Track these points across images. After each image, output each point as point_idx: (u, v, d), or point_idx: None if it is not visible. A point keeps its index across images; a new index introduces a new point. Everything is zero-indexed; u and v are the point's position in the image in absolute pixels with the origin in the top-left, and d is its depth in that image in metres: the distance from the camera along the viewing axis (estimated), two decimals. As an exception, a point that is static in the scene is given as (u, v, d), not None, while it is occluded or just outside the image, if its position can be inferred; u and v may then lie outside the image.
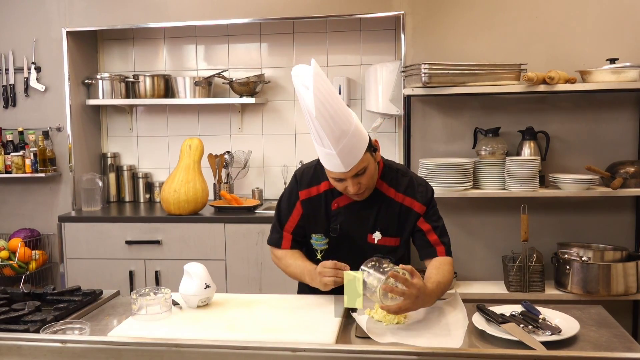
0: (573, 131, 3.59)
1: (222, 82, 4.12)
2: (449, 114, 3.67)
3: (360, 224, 2.16)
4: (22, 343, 1.53)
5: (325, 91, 1.92)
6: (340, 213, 2.17)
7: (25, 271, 3.86)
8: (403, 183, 2.17)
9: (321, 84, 1.91)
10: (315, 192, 2.20)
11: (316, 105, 1.89)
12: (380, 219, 2.15)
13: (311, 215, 2.20)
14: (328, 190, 2.18)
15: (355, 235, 2.16)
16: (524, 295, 3.34)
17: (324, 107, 1.90)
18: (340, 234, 2.16)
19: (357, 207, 2.15)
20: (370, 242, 2.15)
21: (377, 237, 2.15)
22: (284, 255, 2.24)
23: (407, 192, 2.16)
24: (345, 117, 1.97)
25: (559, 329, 1.77)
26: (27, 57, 4.04)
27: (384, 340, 1.70)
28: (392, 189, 2.16)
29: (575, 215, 3.62)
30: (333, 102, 1.93)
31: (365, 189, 2.08)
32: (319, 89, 1.89)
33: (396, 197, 2.15)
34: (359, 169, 2.00)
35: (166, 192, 3.69)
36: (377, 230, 2.15)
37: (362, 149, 2.00)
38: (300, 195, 2.21)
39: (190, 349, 1.47)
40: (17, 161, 3.95)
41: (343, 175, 2.02)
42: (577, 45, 3.53)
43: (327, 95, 1.92)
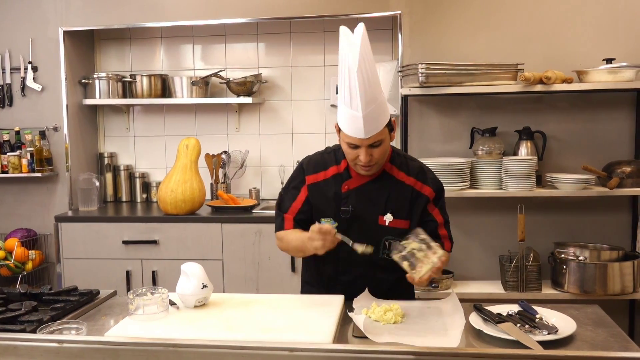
0: (570, 131, 3.60)
1: (219, 81, 4.11)
2: (446, 114, 3.68)
3: (371, 206, 2.16)
4: (18, 343, 1.53)
5: (368, 54, 1.97)
6: (350, 195, 2.16)
7: (22, 271, 3.85)
8: (413, 167, 2.20)
9: (367, 46, 1.97)
10: (323, 177, 2.21)
11: (359, 62, 1.93)
12: (392, 201, 2.15)
13: (319, 200, 2.20)
14: (337, 174, 2.20)
15: (366, 217, 2.15)
16: (521, 295, 3.34)
17: (365, 67, 1.94)
18: (351, 216, 2.15)
19: (368, 189, 2.16)
20: (381, 224, 2.15)
21: (388, 219, 2.15)
22: (286, 233, 2.23)
23: (419, 177, 2.18)
24: (378, 86, 2.02)
25: (556, 329, 1.78)
26: (24, 57, 4.03)
27: (381, 340, 1.70)
28: (402, 173, 2.18)
29: (571, 215, 3.63)
30: (372, 68, 1.98)
31: (374, 164, 2.09)
32: (364, 48, 1.95)
33: (407, 181, 2.17)
34: (376, 139, 2.03)
35: (163, 191, 3.69)
36: (388, 212, 2.15)
37: (383, 122, 2.04)
38: (307, 180, 2.22)
39: (187, 349, 1.47)
40: (13, 161, 3.94)
41: (359, 142, 2.03)
42: (573, 45, 3.53)
43: (369, 59, 1.97)
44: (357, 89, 1.95)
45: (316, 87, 4.12)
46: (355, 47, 1.95)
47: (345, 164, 2.19)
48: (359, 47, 1.94)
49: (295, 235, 2.19)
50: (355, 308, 1.98)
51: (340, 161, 2.20)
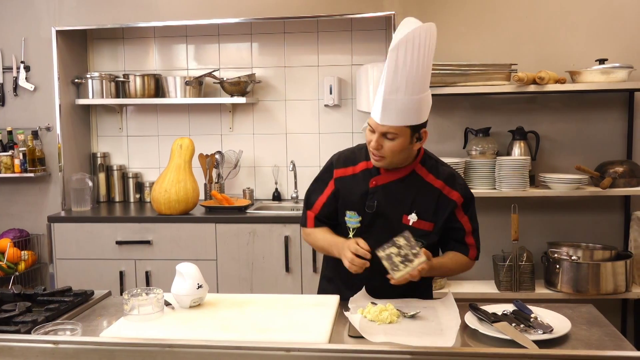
0: (563, 131, 3.61)
1: (212, 81, 4.11)
2: (440, 114, 3.68)
3: (397, 204, 2.15)
4: (13, 344, 1.52)
5: (420, 50, 1.95)
6: (377, 191, 2.16)
7: (14, 272, 3.83)
8: (443, 172, 2.19)
9: (424, 43, 1.95)
10: (351, 171, 2.22)
11: (399, 45, 1.93)
12: (418, 201, 2.14)
13: (346, 193, 2.21)
14: (365, 170, 2.20)
15: (390, 214, 2.15)
16: (514, 294, 3.36)
17: (406, 56, 1.94)
18: (375, 212, 2.15)
19: (395, 187, 2.16)
20: (405, 223, 2.14)
21: (412, 219, 2.14)
22: (312, 231, 2.27)
23: (448, 181, 2.16)
24: (418, 85, 1.99)
25: (551, 328, 1.78)
26: (16, 56, 4.01)
27: (377, 339, 1.70)
28: (432, 175, 2.17)
29: (565, 215, 3.65)
30: (418, 64, 1.96)
31: (384, 157, 2.08)
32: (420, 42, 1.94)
33: (435, 183, 2.16)
34: (390, 131, 2.03)
35: (157, 192, 3.68)
36: (413, 212, 2.14)
37: (406, 121, 2.02)
38: (335, 174, 2.23)
39: (183, 349, 1.47)
40: (6, 161, 3.92)
41: (374, 126, 2.05)
42: (566, 45, 3.55)
43: (419, 54, 1.95)
44: (387, 68, 1.97)
45: (310, 87, 4.12)
46: (407, 34, 1.94)
47: None
48: (410, 35, 1.93)
49: (322, 235, 2.23)
50: (350, 308, 1.98)
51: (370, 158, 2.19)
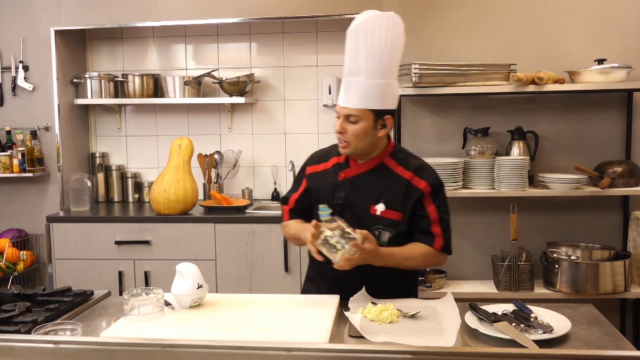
0: (562, 131, 3.62)
1: (211, 81, 4.10)
2: (439, 114, 3.69)
3: (365, 195, 2.18)
4: (14, 344, 1.51)
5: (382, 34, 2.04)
6: (346, 183, 2.21)
7: (13, 272, 3.82)
8: (413, 164, 2.21)
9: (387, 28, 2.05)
10: (323, 167, 2.29)
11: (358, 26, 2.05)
12: (386, 192, 2.17)
13: (318, 187, 2.27)
14: (336, 164, 2.25)
15: (358, 205, 2.18)
16: (513, 294, 3.36)
17: (366, 38, 2.04)
18: (344, 203, 2.19)
19: (363, 179, 2.20)
20: (372, 213, 2.16)
21: (380, 209, 2.16)
22: (288, 223, 2.35)
23: (417, 172, 2.18)
24: (380, 68, 2.06)
25: (551, 328, 1.79)
26: (15, 56, 4.01)
27: (377, 339, 1.70)
28: (401, 167, 2.19)
29: (563, 215, 3.65)
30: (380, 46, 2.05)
31: (348, 141, 2.12)
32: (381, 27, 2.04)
33: (404, 174, 2.18)
34: (353, 114, 2.08)
35: (156, 191, 3.68)
36: (381, 202, 2.16)
37: (368, 104, 2.07)
38: (307, 170, 2.32)
39: (184, 349, 1.47)
40: (4, 161, 3.92)
41: (339, 109, 2.13)
42: (565, 45, 3.55)
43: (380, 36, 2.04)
44: (346, 51, 2.09)
45: (309, 87, 4.12)
46: (366, 18, 2.05)
47: (345, 156, 2.23)
48: (370, 20, 2.04)
49: (294, 224, 2.30)
50: (351, 308, 1.98)
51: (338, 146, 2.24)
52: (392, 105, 2.14)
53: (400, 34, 2.12)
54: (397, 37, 2.10)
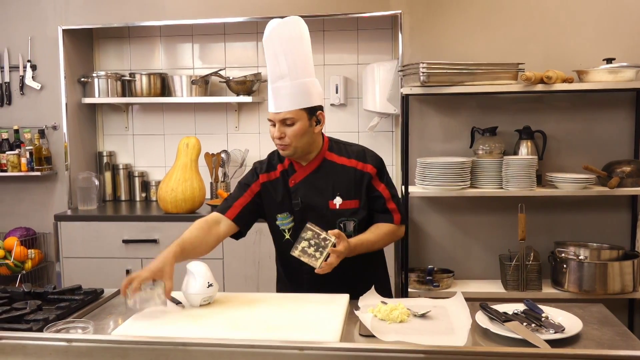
0: (570, 131, 3.61)
1: (218, 80, 4.11)
2: (446, 113, 3.68)
3: (319, 194, 2.27)
4: (27, 342, 1.52)
5: (293, 36, 2.16)
6: (299, 188, 2.28)
7: (21, 270, 3.83)
8: (352, 151, 2.32)
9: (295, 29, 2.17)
10: (274, 176, 2.33)
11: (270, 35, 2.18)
12: (338, 185, 2.27)
13: (272, 198, 2.31)
14: (283, 170, 2.31)
15: (316, 205, 2.26)
16: (521, 294, 3.35)
17: (279, 43, 2.15)
18: (302, 207, 2.26)
19: (313, 179, 2.28)
20: (332, 208, 2.26)
21: (338, 202, 2.26)
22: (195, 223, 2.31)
23: (359, 158, 2.29)
24: (301, 69, 2.17)
25: (562, 327, 1.78)
26: (23, 55, 4.02)
27: (388, 338, 1.70)
28: (343, 157, 2.29)
29: (572, 214, 3.64)
30: (297, 50, 2.16)
31: (289, 144, 2.19)
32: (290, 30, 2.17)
33: (348, 163, 2.28)
34: (288, 117, 2.16)
35: (163, 190, 3.68)
36: (337, 196, 2.26)
37: (297, 104, 2.17)
38: (261, 178, 2.33)
39: (196, 348, 1.47)
40: (12, 160, 3.93)
41: (273, 117, 2.20)
42: (574, 44, 3.54)
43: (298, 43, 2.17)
44: (267, 60, 2.20)
45: (316, 86, 4.11)
46: (275, 25, 2.19)
47: (288, 161, 2.30)
48: (280, 26, 2.17)
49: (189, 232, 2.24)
50: (360, 307, 1.99)
51: (284, 159, 2.32)
52: (319, 102, 2.24)
53: (306, 35, 2.22)
54: (306, 39, 2.21)
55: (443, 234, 3.73)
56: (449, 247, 3.73)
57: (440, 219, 3.73)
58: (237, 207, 2.33)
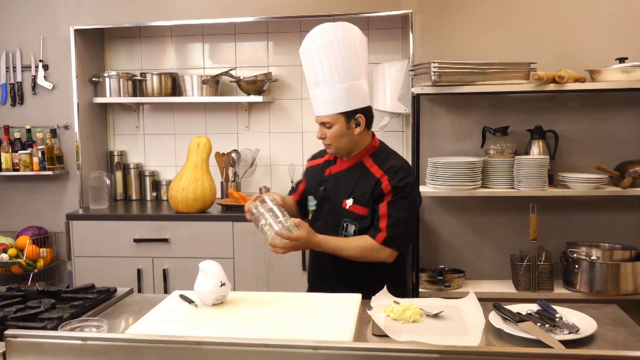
0: (582, 130, 3.59)
1: (229, 80, 4.11)
2: (457, 113, 3.67)
3: (340, 190, 2.39)
4: (42, 340, 1.53)
5: (332, 43, 2.24)
6: (329, 179, 2.44)
7: (33, 269, 3.86)
8: (388, 165, 2.35)
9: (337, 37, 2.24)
10: (317, 162, 2.55)
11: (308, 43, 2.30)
12: (357, 188, 2.35)
13: (309, 182, 2.54)
14: (327, 160, 2.50)
15: (334, 199, 2.40)
16: (533, 294, 3.34)
17: (317, 51, 2.25)
18: (322, 197, 2.42)
19: (342, 175, 2.41)
20: (343, 207, 2.37)
21: (349, 203, 2.36)
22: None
23: (387, 172, 2.33)
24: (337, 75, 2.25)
25: (577, 328, 1.77)
26: (35, 55, 4.04)
27: (401, 338, 1.70)
28: (376, 166, 2.36)
29: (584, 215, 3.63)
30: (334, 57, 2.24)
31: (330, 144, 2.35)
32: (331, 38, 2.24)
33: (376, 173, 2.35)
34: (326, 121, 2.31)
35: (174, 190, 3.69)
36: (350, 197, 2.36)
37: (333, 109, 2.29)
38: (308, 164, 2.60)
39: (211, 347, 1.47)
40: (25, 159, 3.95)
41: (316, 118, 2.36)
42: (586, 44, 3.53)
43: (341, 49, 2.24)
44: (304, 70, 2.35)
45: (326, 86, 4.11)
46: (313, 35, 2.29)
47: None
48: (317, 35, 2.27)
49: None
50: (373, 307, 1.98)
51: None
52: (361, 104, 2.32)
53: (352, 36, 2.31)
54: (351, 43, 2.29)
55: (454, 233, 3.73)
56: (460, 247, 3.72)
57: (451, 219, 3.72)
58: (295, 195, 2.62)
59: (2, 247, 3.84)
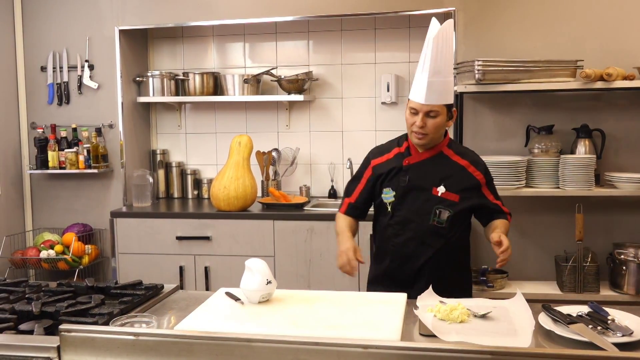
0: (630, 129, 3.51)
1: (270, 79, 4.13)
2: (501, 111, 3.62)
3: (427, 178, 2.44)
4: (95, 335, 1.55)
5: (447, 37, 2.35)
6: (410, 168, 2.46)
7: (79, 265, 3.93)
8: (468, 154, 2.52)
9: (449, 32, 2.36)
10: (386, 157, 2.53)
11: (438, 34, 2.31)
12: (446, 176, 2.43)
13: (383, 174, 2.50)
14: (398, 153, 2.51)
15: (421, 187, 2.43)
16: (578, 295, 3.28)
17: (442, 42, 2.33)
18: (408, 185, 2.44)
19: (425, 165, 2.46)
20: (434, 194, 2.42)
21: (441, 190, 2.42)
22: (340, 216, 2.62)
23: (472, 162, 2.48)
24: (449, 66, 2.39)
25: (631, 331, 1.73)
26: (81, 55, 4.13)
27: (449, 338, 1.68)
28: (458, 156, 2.48)
29: (631, 215, 3.54)
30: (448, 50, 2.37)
31: (427, 134, 2.38)
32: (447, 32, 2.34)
33: (461, 162, 2.47)
34: (433, 110, 2.35)
35: (216, 188, 3.73)
36: (441, 185, 2.42)
37: (444, 100, 2.38)
38: (372, 163, 2.55)
39: (261, 344, 1.48)
40: (71, 157, 4.03)
41: (419, 107, 2.36)
42: (634, 40, 3.44)
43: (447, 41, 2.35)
44: (429, 55, 2.32)
45: (367, 85, 4.11)
46: (439, 26, 2.35)
47: (406, 145, 2.50)
48: (443, 27, 2.33)
49: (341, 222, 2.58)
50: (419, 306, 1.97)
51: (402, 143, 2.51)
52: (452, 99, 2.47)
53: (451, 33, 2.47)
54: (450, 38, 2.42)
55: (496, 234, 3.67)
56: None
57: (494, 219, 3.67)
58: (347, 204, 2.61)
59: (49, 244, 3.93)
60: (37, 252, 3.90)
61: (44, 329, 1.77)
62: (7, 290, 2.16)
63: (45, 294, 2.12)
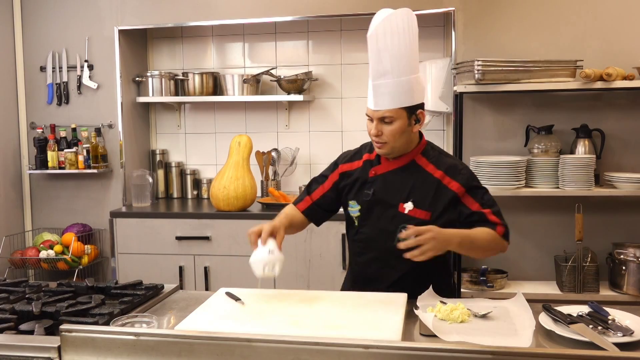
0: (629, 129, 3.52)
1: (269, 79, 4.13)
2: (500, 111, 3.63)
3: (394, 192, 2.19)
4: (96, 335, 1.55)
5: (399, 31, 2.04)
6: (376, 180, 2.22)
7: (78, 265, 3.93)
8: (445, 163, 2.20)
9: (400, 25, 2.04)
10: (356, 165, 2.29)
11: (376, 30, 2.05)
12: (415, 190, 2.17)
13: (349, 184, 2.28)
14: (367, 160, 2.26)
15: (386, 202, 2.19)
16: (578, 295, 3.28)
17: (384, 39, 2.04)
18: (372, 200, 2.21)
19: (393, 176, 2.21)
20: (400, 211, 2.17)
21: (408, 207, 2.16)
22: (286, 208, 2.40)
23: (448, 172, 2.17)
24: (405, 67, 2.07)
25: (631, 331, 1.73)
26: (80, 55, 4.12)
27: (450, 338, 1.68)
28: (432, 165, 2.19)
29: (631, 215, 3.55)
30: (398, 45, 2.04)
31: (385, 142, 2.13)
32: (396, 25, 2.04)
33: (435, 173, 2.17)
34: (387, 115, 2.09)
35: (215, 188, 3.73)
36: (409, 201, 2.17)
37: (398, 103, 2.08)
38: (341, 168, 2.32)
39: (261, 344, 1.48)
40: (70, 157, 4.03)
41: (371, 113, 2.13)
42: (634, 40, 3.45)
43: (397, 36, 2.04)
44: (369, 56, 2.09)
45: (366, 84, 4.07)
46: (383, 19, 2.05)
47: (376, 153, 2.23)
48: (385, 19, 2.04)
49: (288, 212, 2.37)
50: (420, 306, 1.97)
51: (373, 150, 2.24)
52: (421, 99, 2.17)
53: (415, 28, 2.11)
54: (413, 32, 2.10)
55: (496, 234, 3.67)
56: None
57: (493, 219, 3.67)
58: (307, 201, 2.37)
59: (49, 244, 3.93)
60: (36, 252, 3.90)
61: (44, 329, 1.77)
62: (7, 291, 2.16)
63: (45, 294, 2.11)
